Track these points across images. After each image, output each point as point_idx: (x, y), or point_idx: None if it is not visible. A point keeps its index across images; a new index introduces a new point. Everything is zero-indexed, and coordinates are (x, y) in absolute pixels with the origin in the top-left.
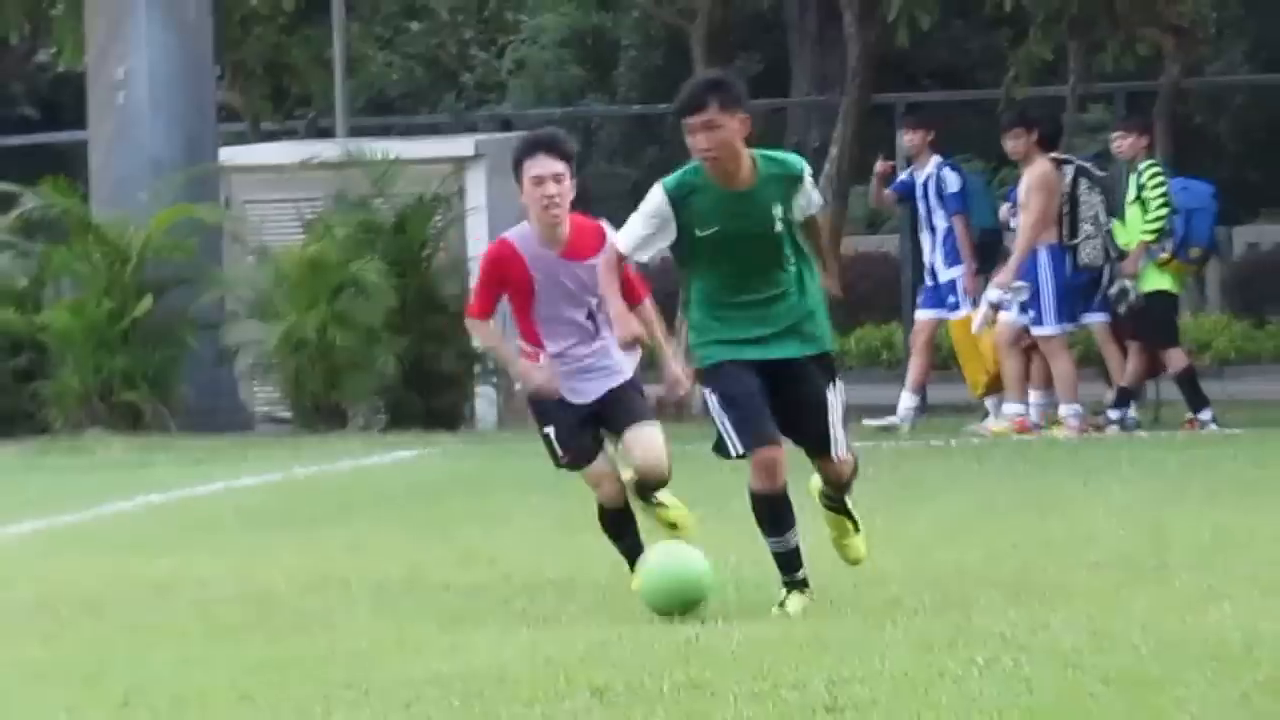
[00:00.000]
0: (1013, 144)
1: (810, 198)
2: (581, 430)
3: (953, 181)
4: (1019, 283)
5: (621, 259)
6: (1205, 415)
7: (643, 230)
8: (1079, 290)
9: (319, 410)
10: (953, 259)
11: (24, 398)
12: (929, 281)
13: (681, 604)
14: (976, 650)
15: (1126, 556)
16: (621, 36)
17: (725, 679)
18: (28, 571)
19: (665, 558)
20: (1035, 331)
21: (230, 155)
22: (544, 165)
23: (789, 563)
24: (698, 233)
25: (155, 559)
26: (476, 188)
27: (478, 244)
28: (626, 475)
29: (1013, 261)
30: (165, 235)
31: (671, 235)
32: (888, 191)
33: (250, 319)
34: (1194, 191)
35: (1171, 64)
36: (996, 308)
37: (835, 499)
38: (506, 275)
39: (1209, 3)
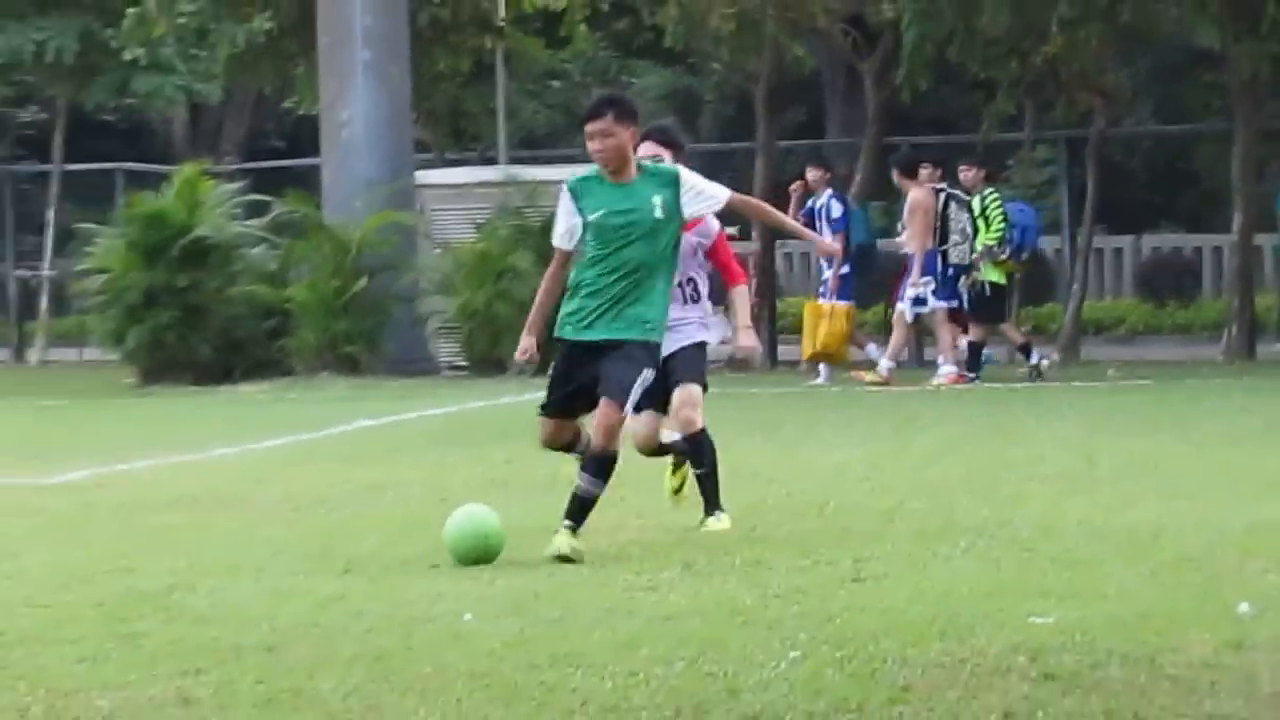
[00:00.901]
0: (897, 179)
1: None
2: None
3: (836, 209)
4: (925, 278)
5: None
6: (975, 376)
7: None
8: (953, 280)
9: (485, 361)
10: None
11: (273, 350)
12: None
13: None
14: (959, 538)
15: (1066, 472)
16: (704, 93)
17: (778, 557)
18: (275, 475)
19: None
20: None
21: (423, 176)
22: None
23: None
24: None
25: (367, 467)
26: None
27: None
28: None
29: (915, 266)
30: (375, 233)
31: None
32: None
33: (436, 294)
34: (1025, 213)
35: (1099, 117)
36: (921, 300)
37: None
38: None
39: (1126, 74)
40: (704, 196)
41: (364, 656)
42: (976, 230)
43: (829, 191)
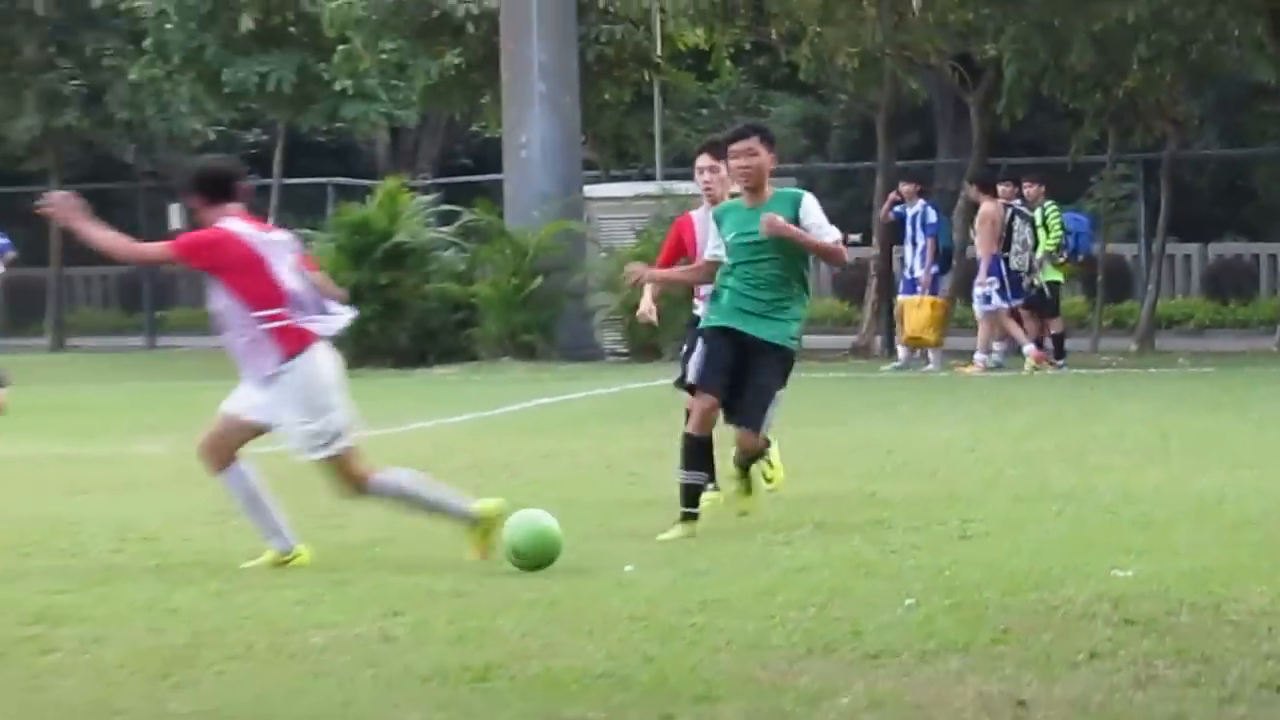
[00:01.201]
0: (973, 194)
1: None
2: None
3: (931, 216)
4: (990, 278)
5: None
6: (1062, 362)
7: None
8: (1015, 283)
9: (644, 349)
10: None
11: (461, 338)
12: (908, 276)
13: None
14: (1051, 502)
15: (1143, 446)
16: (832, 120)
17: (896, 517)
18: (463, 446)
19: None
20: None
21: (590, 190)
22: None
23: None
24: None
25: (542, 439)
26: None
27: None
28: None
29: (981, 269)
30: (550, 239)
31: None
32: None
33: (602, 291)
34: (1080, 221)
35: (1171, 142)
36: (988, 299)
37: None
38: None
39: (1195, 105)
40: (817, 227)
41: (540, 601)
42: (1037, 241)
43: (922, 202)
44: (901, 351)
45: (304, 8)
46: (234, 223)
